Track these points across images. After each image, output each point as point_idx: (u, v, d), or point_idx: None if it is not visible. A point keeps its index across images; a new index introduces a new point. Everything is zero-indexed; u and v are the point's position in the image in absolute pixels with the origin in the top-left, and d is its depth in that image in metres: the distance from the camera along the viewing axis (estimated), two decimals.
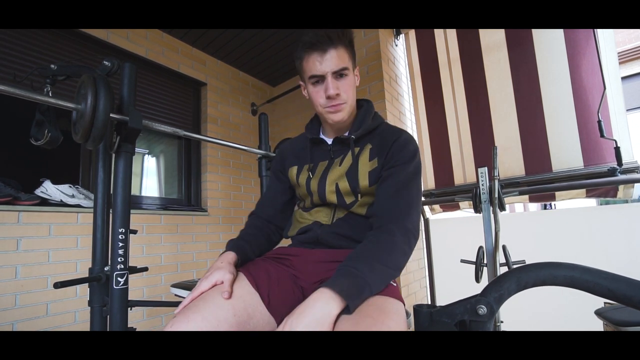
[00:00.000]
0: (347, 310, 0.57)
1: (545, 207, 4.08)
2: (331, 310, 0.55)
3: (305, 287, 0.77)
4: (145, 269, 1.24)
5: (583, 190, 1.74)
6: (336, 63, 0.76)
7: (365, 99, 0.92)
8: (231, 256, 0.77)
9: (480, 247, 1.36)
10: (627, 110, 1.80)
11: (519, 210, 4.22)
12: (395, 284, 0.77)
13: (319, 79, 0.79)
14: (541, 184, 1.78)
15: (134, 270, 1.17)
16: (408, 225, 0.73)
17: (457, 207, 2.15)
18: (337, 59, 0.76)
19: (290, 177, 0.93)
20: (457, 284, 2.03)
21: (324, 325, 0.53)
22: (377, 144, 0.83)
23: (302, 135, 0.96)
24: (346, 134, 0.87)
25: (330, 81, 0.77)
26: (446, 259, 2.17)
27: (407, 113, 2.34)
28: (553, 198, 1.86)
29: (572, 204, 1.90)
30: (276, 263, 0.81)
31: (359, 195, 0.81)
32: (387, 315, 0.59)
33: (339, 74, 0.78)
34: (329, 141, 0.88)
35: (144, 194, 2.31)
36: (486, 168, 1.34)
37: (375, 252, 0.66)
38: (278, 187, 0.98)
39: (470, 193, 1.41)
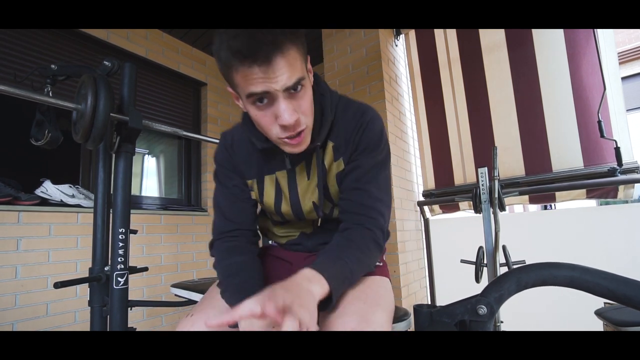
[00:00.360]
0: (329, 300, 0.55)
1: (545, 208, 4.08)
2: (317, 295, 0.51)
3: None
4: (145, 269, 1.24)
5: (583, 192, 1.74)
6: (288, 76, 0.52)
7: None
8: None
9: (480, 247, 1.36)
10: (627, 110, 1.80)
11: (519, 211, 4.22)
12: (381, 263, 0.78)
13: (265, 98, 0.54)
14: (541, 184, 1.78)
15: (134, 270, 1.17)
16: (379, 221, 0.66)
17: (456, 209, 2.15)
18: (289, 70, 0.52)
19: (251, 190, 0.76)
20: (457, 284, 2.03)
21: (311, 305, 0.48)
22: (339, 138, 0.69)
23: (242, 135, 0.75)
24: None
25: (283, 104, 0.54)
26: (446, 259, 2.17)
27: (407, 113, 2.34)
28: (553, 199, 1.86)
29: (572, 204, 1.90)
30: (277, 261, 0.83)
31: (334, 201, 0.73)
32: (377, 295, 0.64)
33: (293, 89, 0.55)
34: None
35: (144, 194, 2.31)
36: (486, 168, 1.34)
37: (353, 248, 0.63)
38: (243, 187, 0.76)
39: (470, 193, 1.41)
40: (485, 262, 1.33)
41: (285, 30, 0.52)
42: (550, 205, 3.87)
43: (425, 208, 2.27)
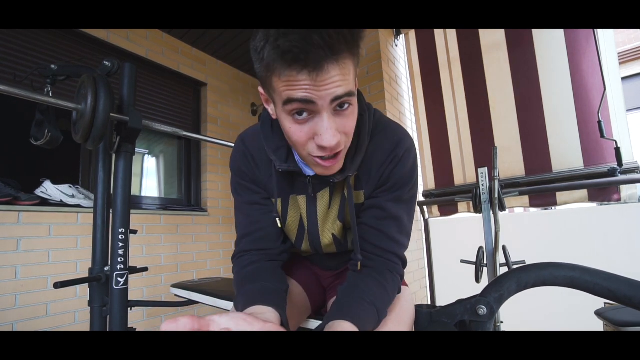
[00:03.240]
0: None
1: (545, 208, 4.08)
2: None
3: (322, 278, 0.86)
4: (145, 269, 1.24)
5: (585, 197, 1.74)
6: (339, 85, 0.45)
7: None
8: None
9: (480, 248, 1.36)
10: (627, 110, 1.80)
11: (519, 211, 4.22)
12: None
13: (305, 111, 0.47)
14: (541, 184, 1.78)
15: (134, 270, 1.17)
16: (397, 267, 0.62)
17: (455, 211, 2.15)
18: (341, 80, 0.45)
19: (275, 210, 0.67)
20: (457, 285, 2.03)
21: None
22: (365, 168, 0.61)
23: (260, 147, 0.64)
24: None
25: (327, 122, 0.46)
26: (446, 259, 2.17)
27: (407, 113, 2.34)
28: (555, 203, 1.86)
29: (572, 204, 1.90)
30: (305, 269, 0.85)
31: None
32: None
33: (340, 106, 0.47)
34: (310, 172, 0.60)
35: (144, 194, 2.31)
36: (486, 168, 1.34)
37: (383, 295, 0.58)
38: (266, 203, 0.67)
39: (470, 193, 1.41)
40: (485, 262, 1.33)
41: (346, 35, 0.44)
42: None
43: (425, 209, 2.27)
